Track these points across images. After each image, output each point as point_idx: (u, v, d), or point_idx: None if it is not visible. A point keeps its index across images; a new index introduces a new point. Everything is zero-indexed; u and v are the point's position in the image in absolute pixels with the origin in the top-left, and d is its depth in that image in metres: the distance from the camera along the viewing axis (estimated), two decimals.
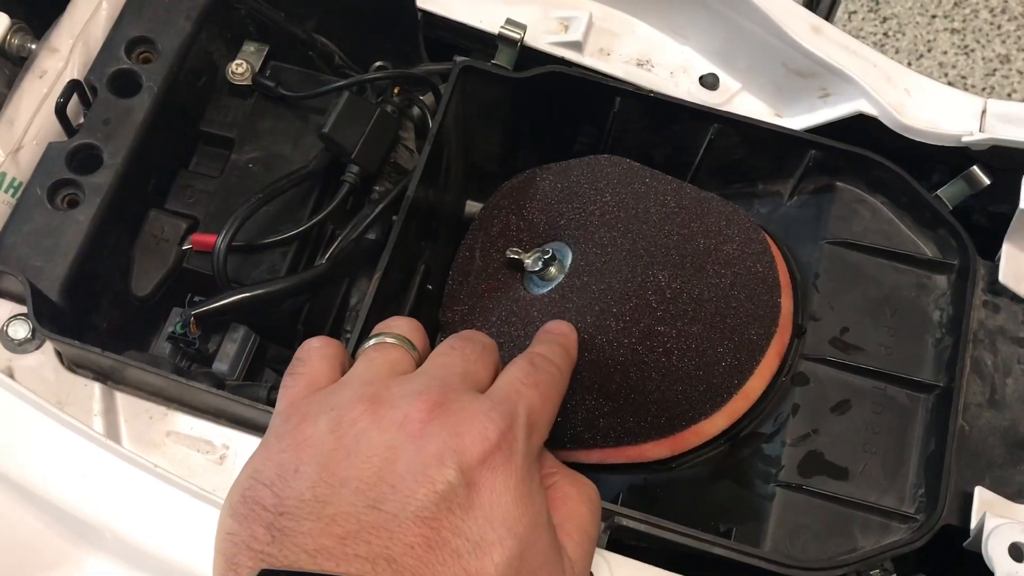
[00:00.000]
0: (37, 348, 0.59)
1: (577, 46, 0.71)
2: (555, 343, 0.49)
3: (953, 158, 0.66)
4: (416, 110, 0.71)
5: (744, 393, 0.60)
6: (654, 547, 0.56)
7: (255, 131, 0.69)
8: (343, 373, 0.44)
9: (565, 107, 0.69)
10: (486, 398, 0.41)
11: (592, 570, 0.53)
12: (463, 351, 0.44)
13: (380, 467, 0.37)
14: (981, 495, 0.56)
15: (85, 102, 0.64)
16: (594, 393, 0.59)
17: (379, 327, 0.47)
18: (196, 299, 0.65)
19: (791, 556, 0.56)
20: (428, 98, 0.72)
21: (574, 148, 0.73)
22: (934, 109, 0.66)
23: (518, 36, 0.68)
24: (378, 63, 0.72)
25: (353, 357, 0.46)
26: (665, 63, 0.72)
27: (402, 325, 0.47)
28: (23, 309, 0.59)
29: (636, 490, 0.62)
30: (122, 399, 0.59)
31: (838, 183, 0.66)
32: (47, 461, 0.54)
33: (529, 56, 0.70)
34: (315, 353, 0.44)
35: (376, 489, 0.36)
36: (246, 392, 0.60)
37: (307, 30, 0.71)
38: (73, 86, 0.63)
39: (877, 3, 1.71)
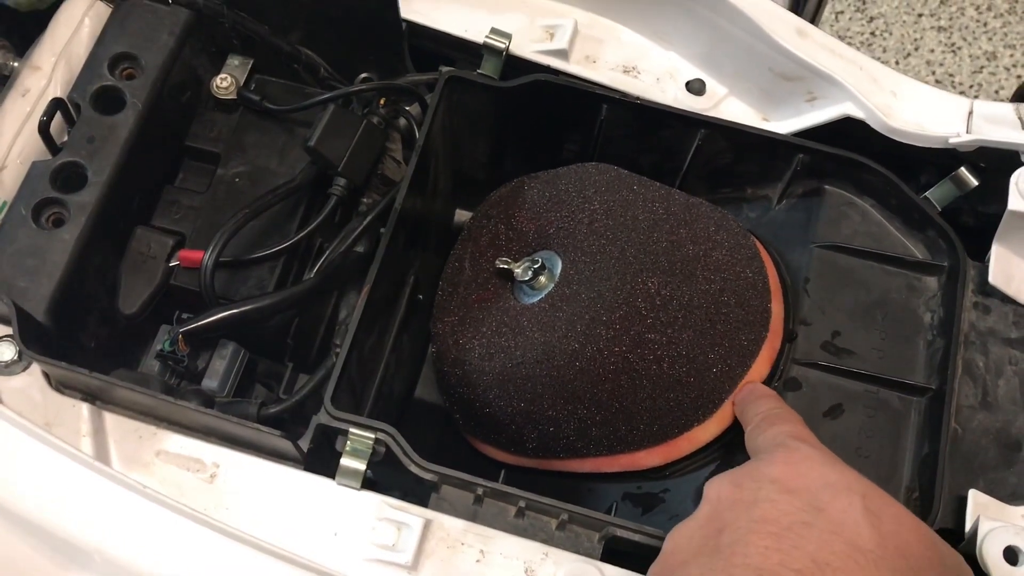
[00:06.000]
0: (24, 370, 0.59)
1: (563, 54, 0.71)
2: None
3: (941, 159, 0.66)
4: (402, 121, 0.71)
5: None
6: (649, 556, 0.56)
7: (241, 145, 0.69)
8: None
9: (552, 115, 0.69)
10: None
11: None
12: None
13: None
14: (975, 498, 0.56)
15: (69, 120, 0.64)
16: (585, 402, 0.59)
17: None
18: (184, 316, 0.65)
19: None
20: (414, 109, 0.72)
21: (562, 156, 0.73)
22: (921, 111, 0.66)
23: (503, 45, 0.68)
24: (363, 75, 0.72)
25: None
26: (651, 69, 0.72)
27: None
28: (9, 331, 0.58)
29: (630, 499, 0.62)
30: (111, 419, 0.58)
31: (826, 187, 0.66)
32: (35, 484, 0.53)
33: (515, 65, 0.70)
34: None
35: None
36: (236, 410, 0.59)
37: (292, 43, 0.71)
38: (56, 104, 0.63)
39: (864, 3, 1.72)
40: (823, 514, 0.43)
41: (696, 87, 0.71)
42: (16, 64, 0.69)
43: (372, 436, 0.55)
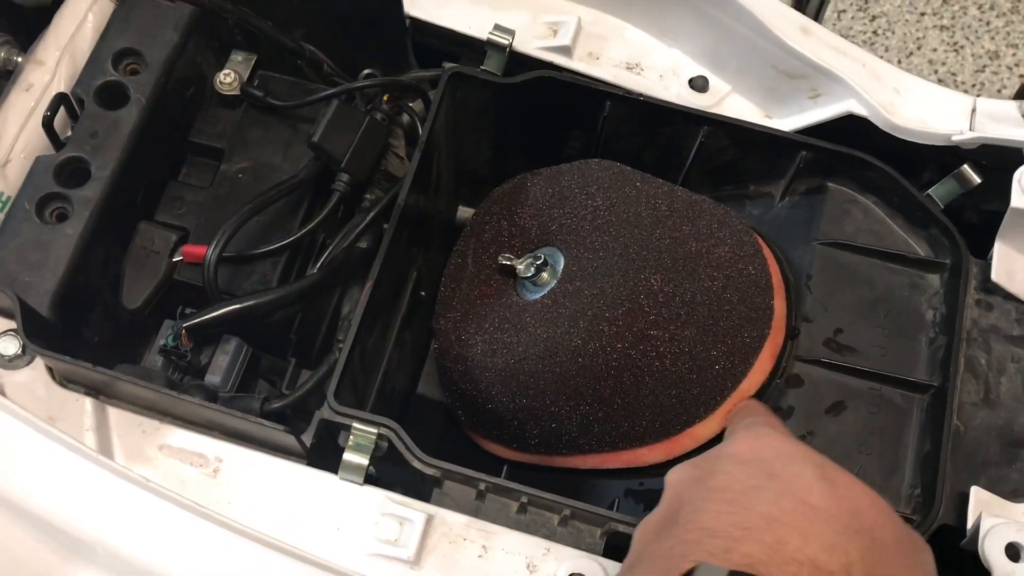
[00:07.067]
0: (28, 364, 0.59)
1: (566, 50, 0.71)
2: None
3: (944, 157, 0.66)
4: (405, 117, 0.71)
5: (738, 395, 0.60)
6: None
7: (244, 141, 0.69)
8: None
9: (555, 112, 0.69)
10: None
11: None
12: None
13: None
14: (977, 495, 0.56)
15: (72, 115, 0.64)
16: (588, 398, 0.59)
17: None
18: (187, 311, 0.65)
19: None
20: (417, 105, 0.72)
21: (564, 152, 0.73)
22: (924, 108, 0.66)
23: (506, 41, 0.68)
24: (367, 71, 0.72)
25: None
26: (655, 66, 0.72)
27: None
28: (13, 325, 0.58)
29: (632, 495, 0.62)
30: (114, 413, 0.58)
31: (829, 184, 0.66)
32: (39, 477, 0.53)
33: (518, 61, 0.70)
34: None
35: None
36: (239, 404, 0.59)
37: (295, 39, 0.71)
38: (60, 99, 0.63)
39: (866, 2, 1.72)
40: (776, 479, 0.44)
41: (699, 84, 0.71)
42: (20, 59, 0.69)
43: (375, 431, 0.55)
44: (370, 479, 0.56)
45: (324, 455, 0.57)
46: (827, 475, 0.44)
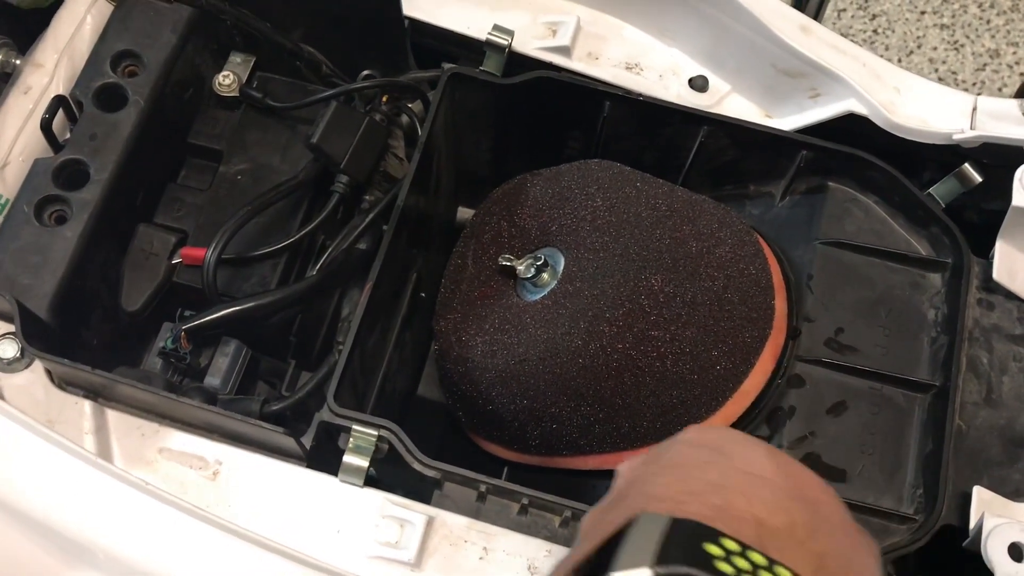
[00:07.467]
0: (26, 367, 0.59)
1: (565, 51, 0.70)
2: None
3: (944, 156, 0.66)
4: (405, 118, 0.71)
5: (739, 396, 0.59)
6: None
7: (243, 143, 0.68)
8: None
9: (555, 112, 0.69)
10: None
11: None
12: None
13: None
14: (980, 494, 0.56)
15: (71, 117, 0.64)
16: (588, 399, 0.59)
17: None
18: (187, 313, 0.65)
19: None
20: (417, 106, 0.72)
21: (564, 153, 0.73)
22: (924, 107, 0.66)
23: (506, 42, 0.68)
24: (366, 72, 0.72)
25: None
26: (654, 66, 0.72)
27: None
28: (11, 328, 0.58)
29: None
30: (113, 416, 0.58)
31: (830, 183, 0.66)
32: (38, 481, 0.53)
33: (517, 62, 0.70)
34: None
35: None
36: (238, 407, 0.59)
37: (294, 40, 0.71)
38: (58, 101, 0.63)
39: (866, 1, 1.71)
40: (725, 455, 0.45)
41: (699, 84, 0.71)
42: (19, 62, 0.69)
43: (375, 433, 0.55)
44: (370, 481, 0.55)
45: (324, 457, 0.57)
46: (776, 456, 0.45)
